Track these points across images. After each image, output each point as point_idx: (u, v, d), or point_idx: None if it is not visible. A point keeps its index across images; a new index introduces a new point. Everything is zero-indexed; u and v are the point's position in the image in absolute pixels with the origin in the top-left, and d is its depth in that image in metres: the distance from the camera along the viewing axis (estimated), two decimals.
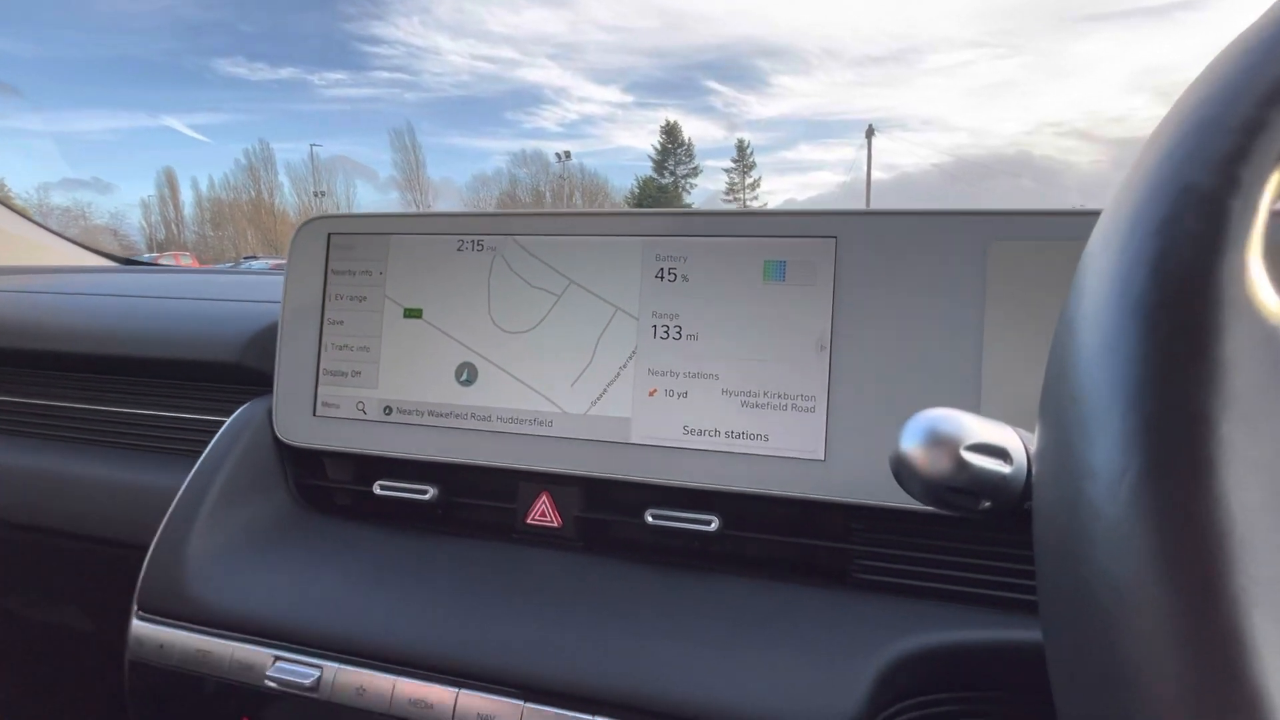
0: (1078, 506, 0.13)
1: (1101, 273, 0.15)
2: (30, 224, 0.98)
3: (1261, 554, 0.12)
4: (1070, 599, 0.14)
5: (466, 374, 0.44)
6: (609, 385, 0.41)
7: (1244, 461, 0.12)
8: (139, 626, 0.41)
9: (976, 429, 0.21)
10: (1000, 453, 0.21)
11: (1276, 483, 0.12)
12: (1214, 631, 0.11)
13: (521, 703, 0.34)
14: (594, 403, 0.41)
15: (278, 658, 0.38)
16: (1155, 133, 0.16)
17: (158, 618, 0.41)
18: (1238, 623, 0.11)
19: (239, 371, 0.53)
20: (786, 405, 0.38)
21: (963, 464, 0.21)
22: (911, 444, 0.22)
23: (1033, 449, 0.21)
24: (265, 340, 0.52)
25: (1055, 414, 0.15)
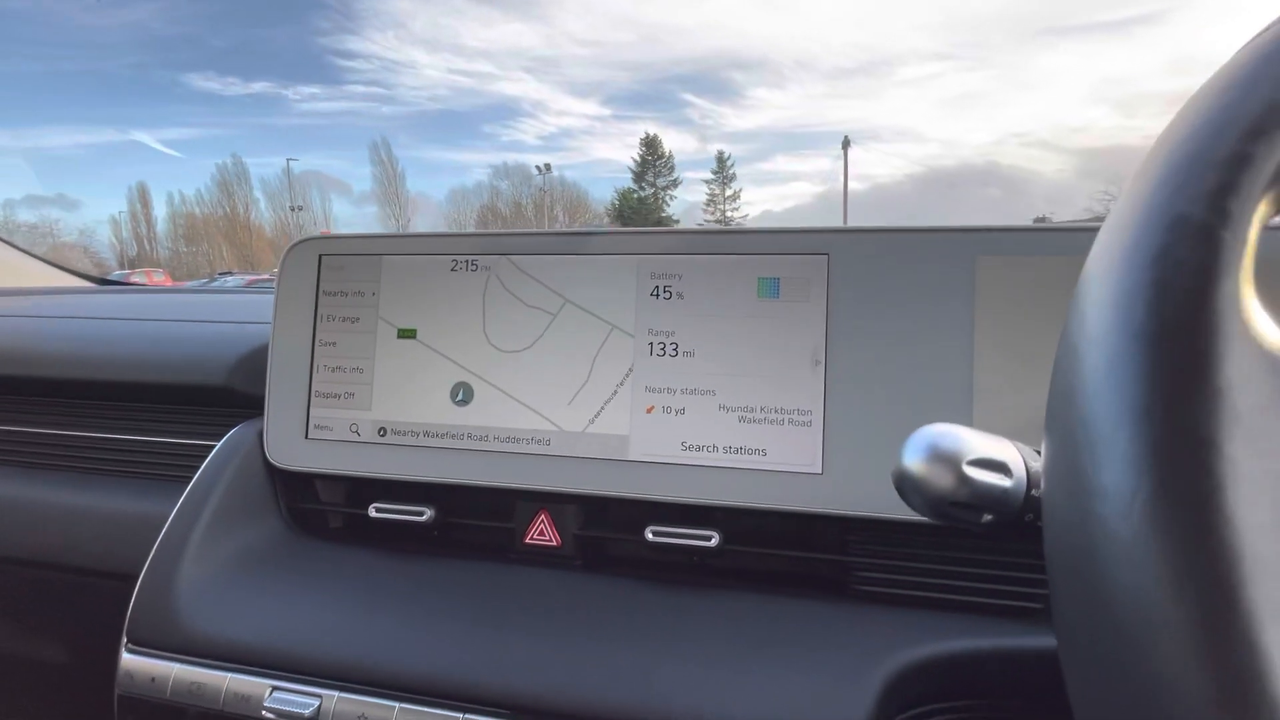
0: (1091, 525, 0.14)
1: (1101, 300, 0.15)
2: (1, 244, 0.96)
3: (1274, 570, 0.12)
4: (1088, 613, 0.14)
5: (462, 394, 0.44)
6: (606, 403, 0.41)
7: (1250, 481, 0.13)
8: (129, 660, 0.40)
9: (977, 444, 0.22)
10: (1001, 467, 0.22)
11: None
12: (1234, 646, 0.12)
13: None
14: (591, 421, 0.42)
15: (275, 688, 0.37)
16: (1144, 164, 0.17)
17: (148, 650, 0.40)
18: (1257, 637, 0.12)
19: (228, 394, 0.52)
20: (783, 420, 0.39)
21: (964, 479, 0.22)
22: (914, 460, 0.22)
23: (1034, 464, 0.22)
24: (254, 362, 0.52)
25: (1063, 434, 0.16)
